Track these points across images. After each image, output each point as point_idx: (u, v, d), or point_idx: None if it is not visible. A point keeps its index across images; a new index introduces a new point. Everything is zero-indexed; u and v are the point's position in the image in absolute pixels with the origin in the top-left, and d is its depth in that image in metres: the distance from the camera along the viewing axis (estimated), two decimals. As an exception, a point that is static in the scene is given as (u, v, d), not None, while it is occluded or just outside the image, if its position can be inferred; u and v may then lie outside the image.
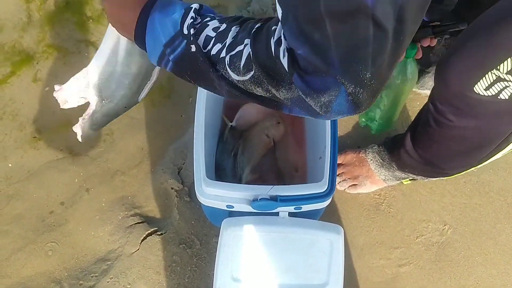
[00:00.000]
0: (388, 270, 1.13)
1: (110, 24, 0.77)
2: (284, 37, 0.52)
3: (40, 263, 1.13)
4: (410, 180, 1.19)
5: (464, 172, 1.03)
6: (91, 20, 1.46)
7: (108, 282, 1.08)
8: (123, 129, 1.30)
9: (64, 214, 1.19)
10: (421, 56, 1.04)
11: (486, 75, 0.72)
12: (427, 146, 0.97)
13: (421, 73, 1.24)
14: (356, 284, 1.11)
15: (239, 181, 1.11)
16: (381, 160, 1.14)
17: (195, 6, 0.64)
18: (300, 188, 0.88)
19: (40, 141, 1.26)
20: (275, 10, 1.48)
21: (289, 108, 0.59)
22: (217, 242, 1.10)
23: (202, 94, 0.97)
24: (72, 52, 1.41)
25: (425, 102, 0.94)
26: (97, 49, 1.36)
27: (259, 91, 0.58)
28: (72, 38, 1.42)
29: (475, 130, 0.85)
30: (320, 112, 0.55)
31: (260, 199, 0.86)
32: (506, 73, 0.70)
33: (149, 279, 1.08)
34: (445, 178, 1.11)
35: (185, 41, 0.61)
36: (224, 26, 0.62)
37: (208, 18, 0.64)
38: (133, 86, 0.89)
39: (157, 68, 0.89)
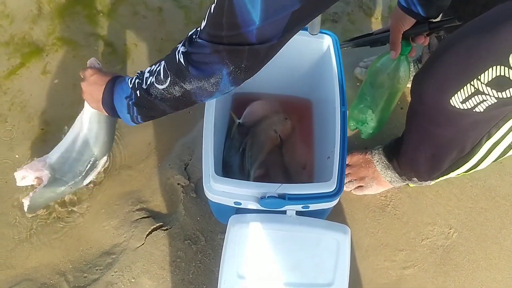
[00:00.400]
0: (393, 272, 1.13)
1: (83, 112, 1.08)
2: (183, 44, 0.74)
3: (45, 254, 1.13)
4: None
5: (440, 178, 1.06)
6: (101, 14, 1.46)
7: (112, 275, 1.08)
8: (129, 127, 1.29)
9: (70, 206, 1.19)
10: (414, 54, 1.06)
11: (464, 88, 0.74)
12: (405, 151, 1.01)
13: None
14: (360, 285, 1.11)
15: (247, 176, 1.11)
16: (387, 162, 1.14)
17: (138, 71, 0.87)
18: (308, 187, 0.88)
19: (47, 133, 1.26)
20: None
21: (198, 97, 0.78)
22: (222, 239, 1.11)
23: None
24: (82, 46, 1.41)
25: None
26: (106, 43, 1.38)
27: (177, 91, 0.77)
28: (82, 31, 1.43)
29: (450, 137, 0.88)
30: (213, 90, 0.75)
31: (268, 196, 0.86)
32: (486, 84, 0.71)
33: (153, 274, 1.08)
34: (431, 183, 1.14)
35: (132, 91, 0.85)
36: (153, 67, 0.82)
37: (147, 69, 0.84)
38: (82, 172, 1.12)
39: (102, 161, 1.15)
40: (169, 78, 0.76)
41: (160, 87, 0.79)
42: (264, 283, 0.88)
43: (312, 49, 1.10)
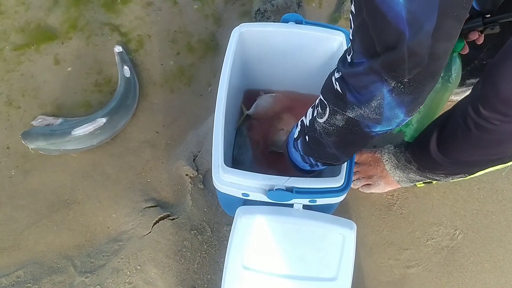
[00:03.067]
0: (396, 270, 1.13)
1: None
2: (337, 69, 0.68)
3: (53, 239, 1.15)
4: (424, 183, 1.18)
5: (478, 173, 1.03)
6: (116, 4, 1.47)
7: (118, 262, 1.09)
8: (142, 113, 1.31)
9: (79, 192, 1.20)
10: (467, 51, 0.98)
11: None
12: (459, 148, 0.94)
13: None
14: (364, 282, 1.11)
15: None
16: (396, 161, 1.14)
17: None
18: (316, 181, 0.89)
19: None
20: (299, 5, 1.48)
21: (365, 125, 0.69)
22: (228, 230, 1.12)
23: (224, 84, 0.98)
24: (96, 34, 1.42)
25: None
26: (120, 33, 1.39)
27: (339, 119, 0.70)
28: (96, 20, 1.44)
29: None
30: (377, 117, 0.65)
31: (276, 189, 0.87)
32: None
33: (159, 262, 1.10)
34: (462, 179, 1.09)
35: (300, 136, 0.84)
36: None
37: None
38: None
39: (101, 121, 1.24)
40: (328, 108, 0.71)
41: (321, 120, 0.73)
42: (269, 275, 0.89)
43: (324, 45, 1.10)
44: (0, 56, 1.38)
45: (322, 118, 0.73)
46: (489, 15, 0.91)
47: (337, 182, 0.88)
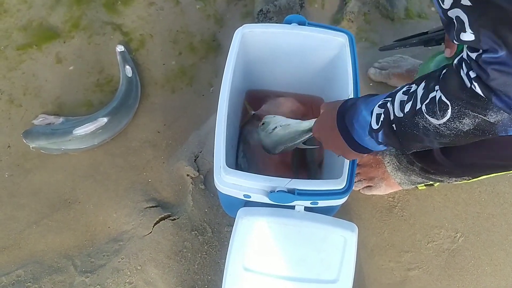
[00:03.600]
0: (397, 273, 1.13)
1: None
2: (469, 67, 0.56)
3: (54, 238, 1.15)
4: (425, 185, 1.18)
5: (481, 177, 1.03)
6: (119, 3, 1.47)
7: (119, 262, 1.09)
8: (143, 113, 1.31)
9: (80, 192, 1.20)
10: None
11: None
12: (462, 150, 0.94)
13: None
14: (364, 284, 1.11)
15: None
16: (398, 163, 1.14)
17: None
18: (318, 183, 0.88)
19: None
20: (301, 6, 1.48)
21: (503, 129, 0.59)
22: (229, 231, 1.12)
23: (226, 84, 0.97)
24: (98, 34, 1.42)
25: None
26: (122, 32, 1.39)
27: (466, 123, 0.59)
28: (99, 19, 1.44)
29: None
30: None
31: (277, 191, 0.86)
32: None
33: (159, 262, 1.09)
34: (465, 182, 1.09)
35: (380, 132, 0.71)
36: (413, 87, 0.67)
37: (390, 96, 0.71)
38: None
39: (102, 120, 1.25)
40: (451, 111, 0.59)
41: (436, 121, 0.62)
42: (269, 276, 0.89)
43: (327, 47, 1.09)
44: (2, 55, 1.38)
45: (438, 119, 0.62)
46: None
47: (339, 184, 0.88)
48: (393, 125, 0.69)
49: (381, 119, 0.71)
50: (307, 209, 0.90)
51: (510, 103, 0.53)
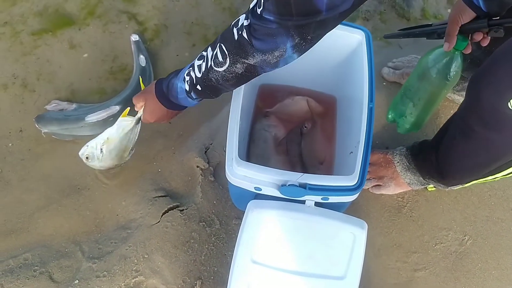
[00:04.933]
0: (404, 273, 1.13)
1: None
2: (246, 17, 0.74)
3: (62, 223, 1.15)
4: (435, 186, 1.18)
5: (471, 183, 1.06)
6: (135, -8, 1.47)
7: (126, 249, 1.10)
8: (155, 103, 1.31)
9: (90, 179, 1.21)
10: (470, 51, 1.01)
11: None
12: (448, 155, 0.98)
13: (461, 78, 1.21)
14: (370, 283, 1.11)
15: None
16: (407, 164, 1.13)
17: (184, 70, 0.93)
18: (330, 179, 0.88)
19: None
20: None
21: (262, 69, 0.79)
22: (237, 224, 1.12)
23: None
24: (113, 22, 1.43)
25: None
26: (137, 21, 1.39)
27: (239, 68, 0.79)
28: (115, 8, 1.44)
29: (497, 143, 0.86)
30: (277, 61, 0.76)
31: (289, 184, 0.86)
32: None
33: (166, 252, 1.10)
34: (461, 187, 1.12)
35: (190, 88, 0.91)
36: (204, 52, 0.86)
37: (194, 62, 0.89)
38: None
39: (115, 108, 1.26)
40: (229, 58, 0.78)
41: (220, 69, 0.81)
42: (277, 270, 0.89)
43: (343, 43, 1.09)
44: (17, 39, 1.38)
45: (221, 67, 0.81)
46: (497, 18, 0.92)
47: (351, 180, 0.88)
48: (198, 85, 0.88)
49: (189, 83, 0.90)
50: (317, 204, 0.90)
51: (264, 46, 0.73)
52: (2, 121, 1.27)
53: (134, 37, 1.36)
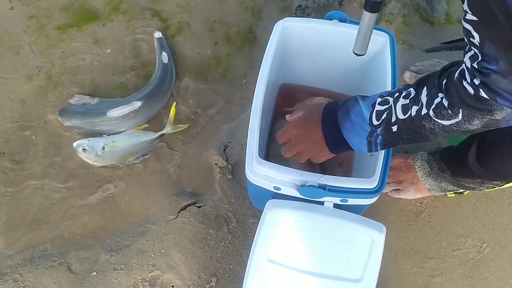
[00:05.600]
0: (420, 278, 1.12)
1: None
2: (472, 75, 0.63)
3: (82, 216, 1.17)
4: (455, 193, 1.17)
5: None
6: (160, -11, 1.48)
7: (144, 244, 1.11)
8: (176, 100, 1.32)
9: (110, 173, 1.22)
10: None
11: None
12: (500, 160, 0.94)
13: None
14: (386, 287, 1.10)
15: None
16: (429, 169, 1.12)
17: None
18: (349, 181, 0.88)
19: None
20: (340, 4, 1.48)
21: (506, 122, 0.67)
22: (253, 223, 1.13)
23: (263, 76, 0.98)
24: (137, 19, 1.44)
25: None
26: (160, 18, 1.40)
27: (475, 124, 0.68)
28: (139, 5, 1.46)
29: None
30: None
31: (308, 185, 0.86)
32: None
33: (183, 247, 1.11)
34: (498, 188, 1.09)
35: (379, 128, 0.78)
36: (413, 92, 0.75)
37: (390, 96, 0.78)
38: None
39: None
40: (461, 114, 0.67)
41: (446, 122, 0.70)
42: (293, 270, 0.89)
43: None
44: (43, 33, 1.40)
45: (449, 120, 0.69)
46: None
47: (371, 183, 0.87)
48: (394, 126, 0.76)
49: (383, 117, 0.77)
50: (335, 206, 0.90)
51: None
52: (26, 113, 1.29)
53: (158, 34, 1.37)
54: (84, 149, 1.18)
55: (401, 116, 0.75)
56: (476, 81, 0.62)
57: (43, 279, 1.08)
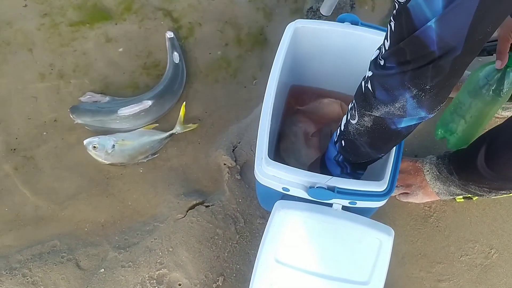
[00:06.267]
0: (427, 283, 1.12)
1: None
2: (369, 69, 0.72)
3: (90, 212, 1.18)
4: (463, 198, 1.16)
5: None
6: (172, -11, 1.49)
7: (152, 242, 1.11)
8: (186, 100, 1.32)
9: (119, 171, 1.23)
10: None
11: None
12: (506, 159, 0.93)
13: None
14: (392, 291, 1.11)
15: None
16: (438, 173, 1.12)
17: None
18: (359, 183, 0.88)
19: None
20: (352, 7, 1.48)
21: (390, 123, 0.74)
22: (261, 223, 1.13)
23: (274, 77, 0.98)
24: (149, 18, 1.45)
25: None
26: (172, 19, 1.41)
27: (367, 121, 0.76)
28: (151, 4, 1.46)
29: None
30: (401, 113, 0.70)
31: (317, 187, 0.86)
32: None
33: (190, 246, 1.11)
34: (507, 195, 1.08)
35: (338, 143, 0.90)
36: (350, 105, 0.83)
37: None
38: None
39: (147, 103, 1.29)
40: (357, 110, 0.77)
41: (353, 121, 0.79)
42: (300, 271, 0.89)
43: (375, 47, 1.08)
44: (56, 31, 1.42)
45: (354, 119, 0.79)
46: None
47: (380, 186, 0.87)
48: (342, 140, 0.87)
49: (337, 133, 0.89)
50: (344, 208, 0.90)
51: (386, 97, 0.69)
52: (37, 110, 1.30)
53: (169, 34, 1.38)
54: (94, 147, 1.19)
55: (342, 128, 0.85)
56: (369, 73, 0.71)
57: (52, 275, 1.09)
